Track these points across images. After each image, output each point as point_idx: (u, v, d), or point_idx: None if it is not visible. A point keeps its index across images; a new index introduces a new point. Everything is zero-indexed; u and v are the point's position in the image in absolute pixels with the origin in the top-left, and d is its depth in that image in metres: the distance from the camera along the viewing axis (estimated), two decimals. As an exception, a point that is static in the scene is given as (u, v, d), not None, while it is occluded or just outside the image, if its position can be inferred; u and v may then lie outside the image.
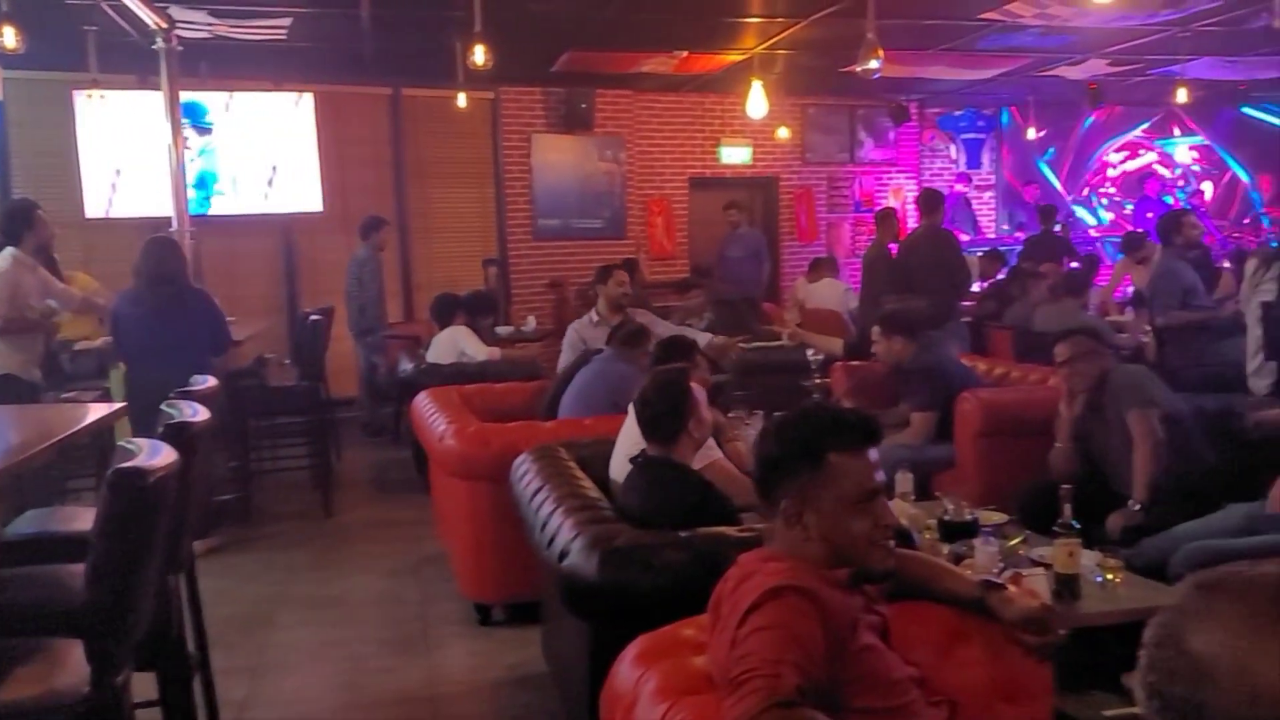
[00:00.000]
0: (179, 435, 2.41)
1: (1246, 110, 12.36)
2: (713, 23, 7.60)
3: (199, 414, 2.63)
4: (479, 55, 6.05)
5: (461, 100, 8.59)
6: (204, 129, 8.19)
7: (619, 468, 3.32)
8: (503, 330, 8.38)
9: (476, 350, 6.66)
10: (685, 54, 8.68)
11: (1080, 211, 12.75)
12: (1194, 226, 6.44)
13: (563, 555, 2.59)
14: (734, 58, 8.74)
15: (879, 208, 10.58)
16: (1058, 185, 12.46)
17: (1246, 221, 12.69)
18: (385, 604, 4.61)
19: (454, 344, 6.70)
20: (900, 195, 11.61)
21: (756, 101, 8.50)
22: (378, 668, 3.91)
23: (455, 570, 4.49)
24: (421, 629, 4.28)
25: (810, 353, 5.92)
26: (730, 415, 4.55)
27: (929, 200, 7.00)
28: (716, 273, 9.26)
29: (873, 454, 1.83)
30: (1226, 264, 8.08)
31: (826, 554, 1.80)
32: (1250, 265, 4.84)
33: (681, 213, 10.89)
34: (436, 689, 3.73)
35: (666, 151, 10.72)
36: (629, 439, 3.34)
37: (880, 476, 1.84)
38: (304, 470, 6.55)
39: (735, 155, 10.99)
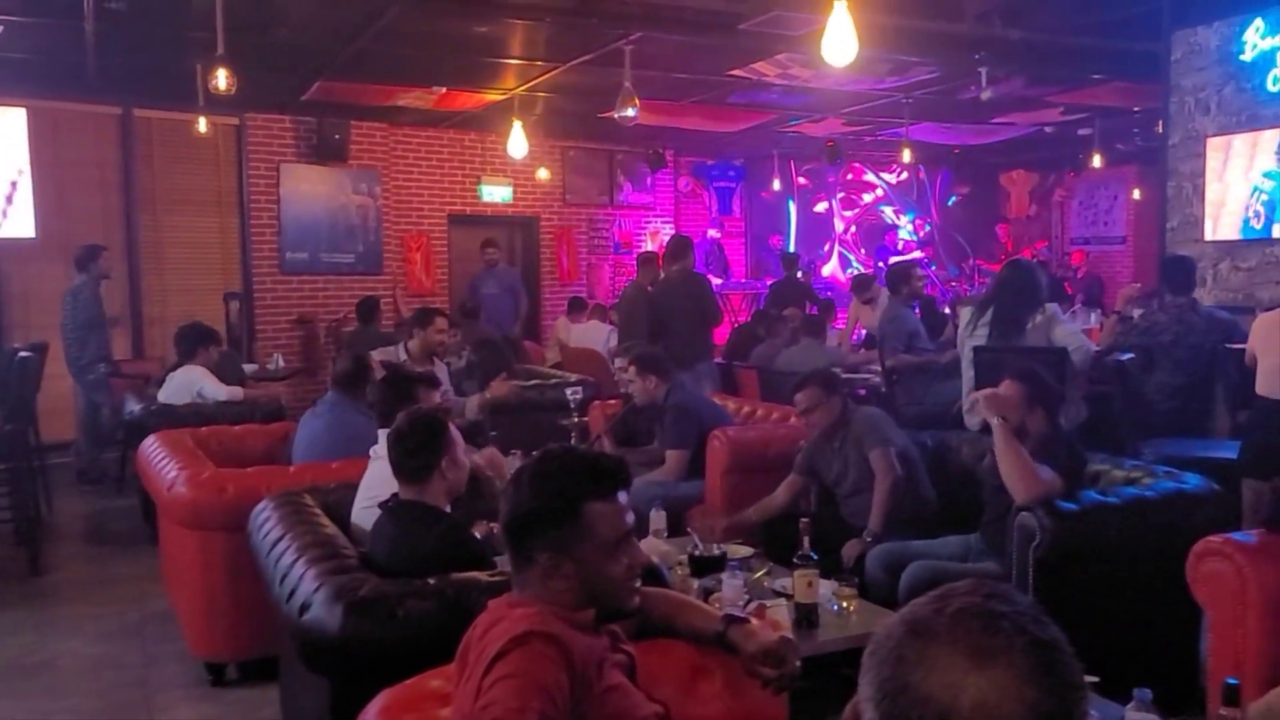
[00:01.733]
0: None
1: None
2: (471, 61, 7.58)
3: None
4: (221, 80, 5.73)
5: (202, 125, 8.11)
6: None
7: (360, 513, 3.18)
8: (247, 368, 7.89)
9: (216, 390, 6.22)
10: (444, 90, 8.60)
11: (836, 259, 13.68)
12: (919, 278, 6.98)
13: (304, 608, 2.45)
14: (494, 97, 8.75)
15: (639, 250, 10.86)
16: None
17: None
18: (101, 669, 4.17)
19: (190, 384, 6.23)
20: (658, 238, 11.99)
21: (517, 141, 8.55)
22: (89, 742, 3.53)
23: (184, 628, 4.15)
24: (142, 695, 3.90)
25: (569, 391, 5.92)
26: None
27: (678, 246, 7.23)
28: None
29: (622, 496, 1.84)
30: (948, 310, 8.83)
31: (579, 598, 1.79)
32: (965, 312, 5.26)
33: (441, 249, 10.73)
34: (159, 761, 3.41)
35: (425, 187, 10.56)
36: (371, 484, 3.21)
37: (630, 518, 1.85)
38: (6, 524, 5.85)
39: (496, 194, 10.99)
